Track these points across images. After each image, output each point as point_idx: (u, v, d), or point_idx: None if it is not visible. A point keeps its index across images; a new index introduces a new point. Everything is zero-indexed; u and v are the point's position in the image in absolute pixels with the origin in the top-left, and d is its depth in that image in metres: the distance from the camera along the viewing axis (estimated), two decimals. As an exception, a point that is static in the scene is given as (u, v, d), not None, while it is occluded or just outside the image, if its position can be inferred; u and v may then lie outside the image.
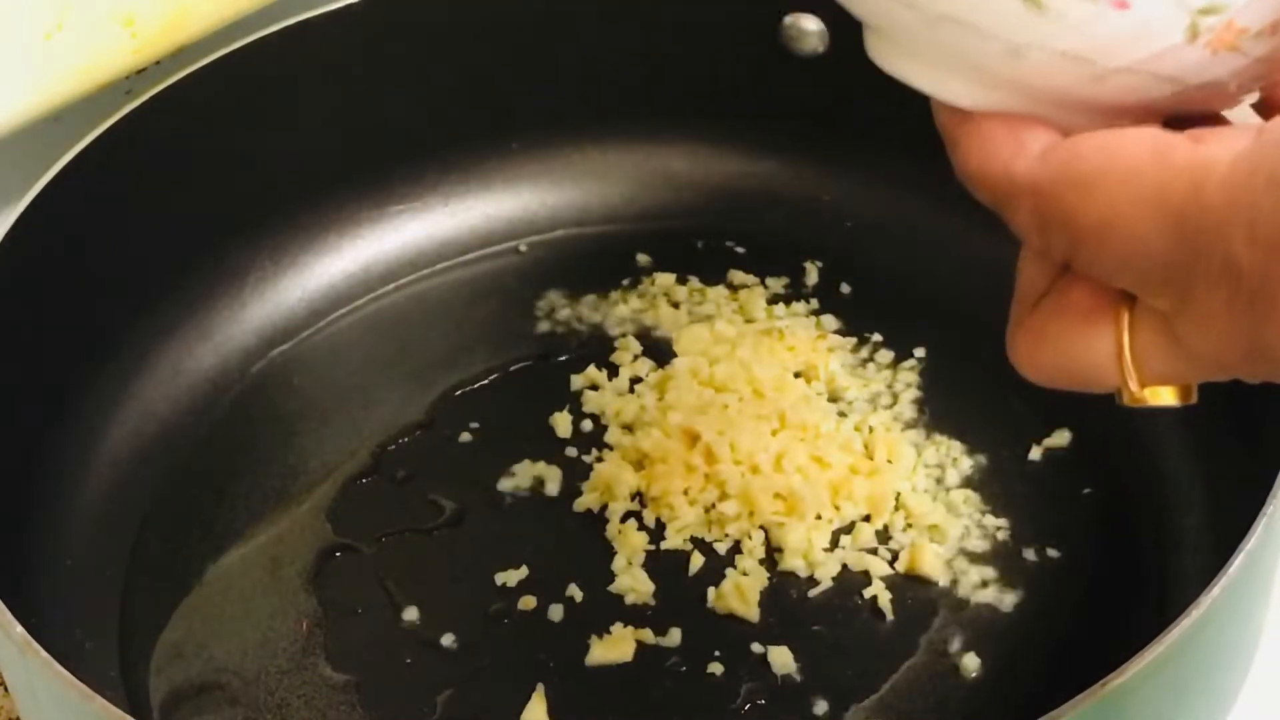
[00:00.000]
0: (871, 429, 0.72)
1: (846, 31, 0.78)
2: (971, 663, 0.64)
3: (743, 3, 0.80)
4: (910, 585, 0.67)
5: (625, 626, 0.65)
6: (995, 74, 0.41)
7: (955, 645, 0.65)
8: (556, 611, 0.67)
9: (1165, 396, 0.42)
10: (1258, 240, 0.37)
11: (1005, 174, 0.42)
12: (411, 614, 0.67)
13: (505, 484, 0.72)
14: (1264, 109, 0.43)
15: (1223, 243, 0.37)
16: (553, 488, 0.71)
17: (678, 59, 0.82)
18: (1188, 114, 0.41)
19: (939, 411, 0.73)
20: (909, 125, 0.79)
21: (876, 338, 0.77)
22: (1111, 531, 0.68)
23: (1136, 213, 0.39)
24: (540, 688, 0.63)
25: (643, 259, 0.82)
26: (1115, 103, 0.41)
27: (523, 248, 0.83)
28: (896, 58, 0.44)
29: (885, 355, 0.76)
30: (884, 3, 0.42)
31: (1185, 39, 0.39)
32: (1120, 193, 0.39)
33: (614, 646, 0.65)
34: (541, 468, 0.72)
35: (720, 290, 0.80)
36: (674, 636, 0.66)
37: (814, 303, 0.79)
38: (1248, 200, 0.37)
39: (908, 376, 0.75)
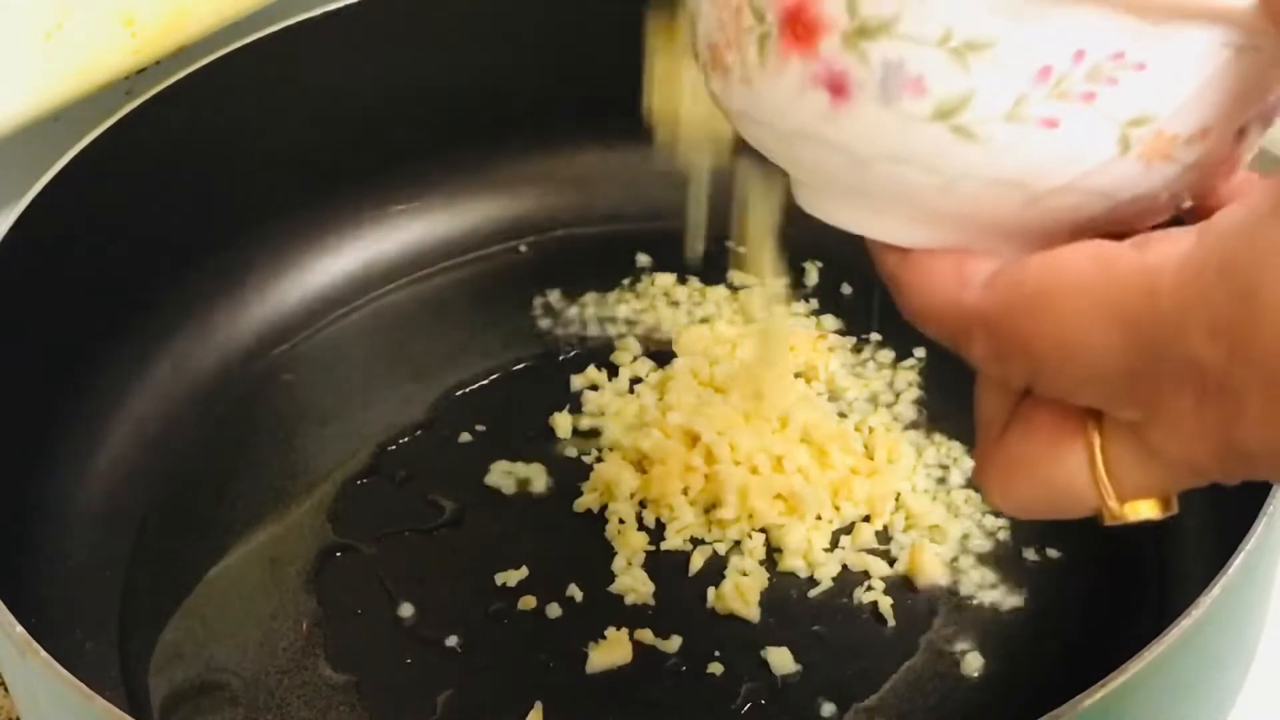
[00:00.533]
0: (871, 429, 0.72)
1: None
2: (972, 663, 0.64)
3: (743, 3, 0.80)
4: (910, 586, 0.67)
5: (620, 629, 0.66)
6: (929, 208, 0.41)
7: (955, 645, 0.65)
8: (556, 611, 0.67)
9: (1145, 510, 0.41)
10: (1218, 334, 0.36)
11: (954, 308, 0.41)
12: (411, 614, 0.67)
13: (490, 480, 0.72)
14: (1194, 219, 0.42)
15: (1183, 343, 0.36)
16: (539, 485, 0.72)
17: (678, 59, 0.82)
18: (1123, 231, 0.40)
19: (939, 411, 0.73)
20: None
21: (876, 338, 0.77)
22: (1111, 531, 0.68)
23: (1092, 326, 0.38)
24: (538, 705, 0.63)
25: (643, 259, 0.82)
26: (1052, 224, 0.40)
27: (523, 248, 0.83)
28: (829, 204, 0.43)
29: (885, 355, 0.76)
30: (813, 151, 0.41)
31: (1117, 152, 0.39)
32: (1072, 308, 0.38)
33: (611, 650, 0.65)
34: (520, 467, 0.72)
35: (720, 290, 0.80)
36: (674, 637, 0.66)
37: (814, 303, 0.79)
38: (1201, 296, 0.36)
39: (908, 376, 0.75)
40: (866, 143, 0.40)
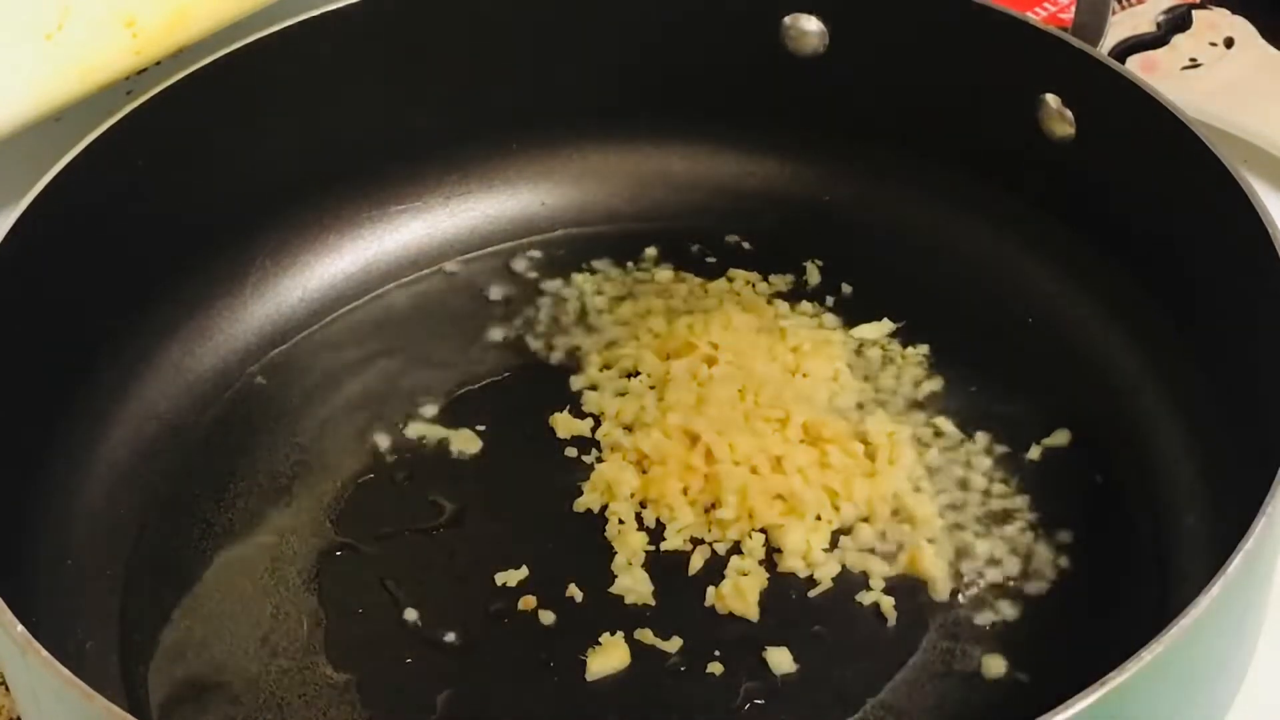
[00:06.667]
0: (871, 429, 0.72)
1: (846, 31, 0.79)
2: (972, 663, 0.64)
3: (743, 3, 0.80)
4: (910, 585, 0.67)
5: (614, 634, 0.66)
6: None
7: (955, 646, 0.65)
8: (556, 612, 0.67)
9: None
10: None
11: None
12: (412, 613, 0.67)
13: (413, 430, 0.74)
14: None
15: None
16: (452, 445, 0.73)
17: (677, 59, 0.82)
18: None
19: (940, 411, 0.73)
20: (909, 125, 0.80)
21: (876, 337, 0.77)
22: (1111, 531, 0.68)
23: None
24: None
25: (643, 258, 0.82)
26: None
27: (523, 249, 0.83)
28: None
29: (886, 354, 0.76)
30: None
31: None
32: None
33: (608, 655, 0.65)
34: (437, 428, 0.74)
35: (721, 287, 0.80)
36: (674, 637, 0.66)
37: (814, 303, 0.79)
38: None
39: (911, 375, 0.75)
40: None
